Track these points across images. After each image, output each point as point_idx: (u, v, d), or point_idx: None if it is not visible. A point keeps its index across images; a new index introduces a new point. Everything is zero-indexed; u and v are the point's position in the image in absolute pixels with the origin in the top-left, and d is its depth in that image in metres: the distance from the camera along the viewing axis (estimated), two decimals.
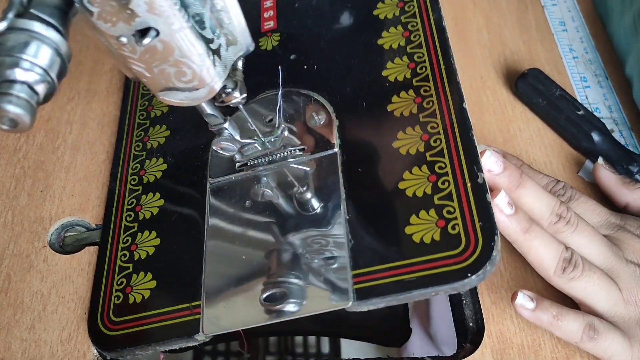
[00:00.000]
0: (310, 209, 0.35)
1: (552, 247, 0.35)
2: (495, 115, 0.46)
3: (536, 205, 0.36)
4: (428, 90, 0.37)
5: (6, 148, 0.43)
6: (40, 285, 0.38)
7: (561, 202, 0.36)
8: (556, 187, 0.39)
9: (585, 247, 0.36)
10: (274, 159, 0.38)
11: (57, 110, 0.45)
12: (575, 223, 0.36)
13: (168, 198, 0.39)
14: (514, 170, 0.37)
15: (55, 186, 0.42)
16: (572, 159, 0.44)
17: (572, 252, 0.35)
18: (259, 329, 0.44)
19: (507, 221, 0.35)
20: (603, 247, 0.36)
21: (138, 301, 0.36)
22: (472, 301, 0.40)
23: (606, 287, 0.35)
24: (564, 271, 0.35)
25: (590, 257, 0.36)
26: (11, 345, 0.36)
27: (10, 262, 0.39)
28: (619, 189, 0.40)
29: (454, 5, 0.53)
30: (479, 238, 0.31)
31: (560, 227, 0.36)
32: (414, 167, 0.35)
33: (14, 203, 0.41)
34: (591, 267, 0.35)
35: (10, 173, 0.42)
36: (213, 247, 0.36)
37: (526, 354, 0.37)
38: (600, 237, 0.36)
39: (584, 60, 0.50)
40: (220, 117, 0.34)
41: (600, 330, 0.34)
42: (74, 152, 0.43)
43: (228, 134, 0.35)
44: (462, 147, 0.35)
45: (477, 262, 0.30)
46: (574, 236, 0.36)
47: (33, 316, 0.37)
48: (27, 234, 0.40)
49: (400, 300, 0.31)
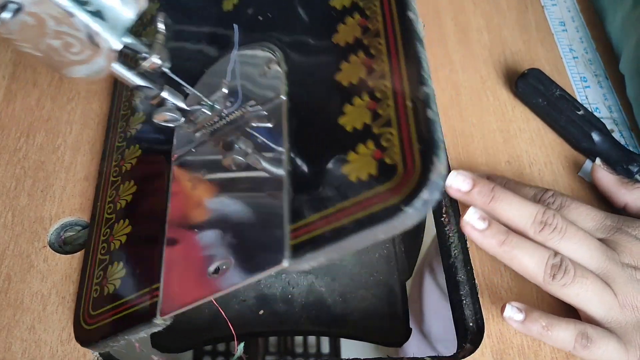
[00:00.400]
0: (257, 167, 0.32)
1: (535, 255, 0.34)
2: (495, 115, 0.46)
3: (515, 216, 0.35)
4: (373, 8, 0.32)
5: (6, 148, 0.43)
6: (41, 285, 0.38)
7: (546, 209, 0.35)
8: (545, 196, 0.38)
9: (577, 252, 0.35)
10: (228, 121, 0.34)
11: (57, 110, 0.45)
12: (564, 229, 0.35)
13: (140, 183, 0.39)
14: (484, 185, 0.36)
15: (55, 186, 0.42)
16: (572, 159, 0.44)
17: (561, 258, 0.34)
18: (258, 329, 0.44)
19: (481, 236, 0.35)
20: (596, 251, 0.35)
21: (111, 292, 0.35)
22: (472, 301, 0.40)
23: (600, 292, 0.34)
24: (553, 278, 0.34)
25: (583, 262, 0.35)
26: (11, 346, 0.36)
27: (10, 262, 0.39)
28: (617, 189, 0.40)
29: (454, 6, 0.53)
30: (416, 165, 0.26)
31: (547, 234, 0.35)
32: (355, 97, 0.30)
33: (14, 203, 0.41)
34: (583, 273, 0.34)
35: (11, 173, 0.42)
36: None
37: (526, 354, 0.37)
38: (593, 241, 0.36)
39: (584, 60, 0.50)
40: (154, 87, 0.32)
41: (593, 338, 0.34)
42: (75, 152, 0.43)
43: (170, 104, 0.33)
44: (404, 61, 0.29)
45: (414, 192, 0.25)
46: (563, 242, 0.35)
47: (33, 316, 0.37)
48: (27, 234, 0.40)
49: (339, 251, 0.27)
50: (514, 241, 0.35)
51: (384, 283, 0.46)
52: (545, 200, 0.37)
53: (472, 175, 0.36)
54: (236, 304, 0.44)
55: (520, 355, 0.37)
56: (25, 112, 0.45)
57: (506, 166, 0.44)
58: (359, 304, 0.45)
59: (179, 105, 0.33)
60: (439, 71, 0.49)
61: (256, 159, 0.32)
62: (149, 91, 0.32)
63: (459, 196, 0.37)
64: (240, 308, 0.44)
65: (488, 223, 0.35)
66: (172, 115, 0.33)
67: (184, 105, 0.33)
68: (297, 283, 0.46)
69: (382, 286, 0.46)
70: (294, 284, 0.46)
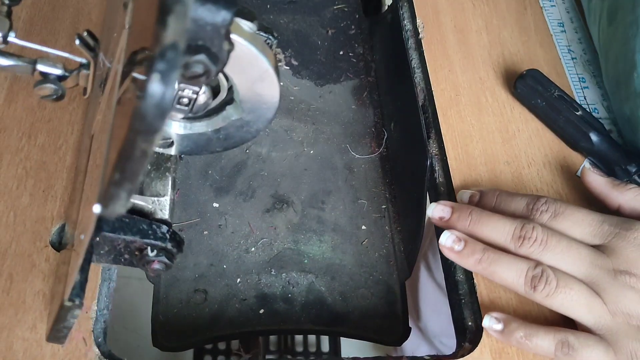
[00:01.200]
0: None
1: (513, 268, 0.35)
2: (494, 116, 0.47)
3: (495, 235, 0.37)
4: None
5: (8, 148, 0.43)
6: (42, 285, 0.38)
7: (524, 224, 0.36)
8: (537, 205, 0.38)
9: (561, 261, 0.35)
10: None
11: (59, 110, 0.45)
12: (544, 240, 0.35)
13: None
14: (462, 210, 0.38)
15: (57, 186, 0.42)
16: (570, 159, 0.45)
17: (542, 269, 0.35)
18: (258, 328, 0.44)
19: (458, 257, 0.37)
20: (582, 259, 0.35)
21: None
22: (471, 300, 0.40)
23: (587, 300, 0.34)
24: (534, 289, 0.35)
25: (569, 271, 0.35)
26: (13, 345, 0.36)
27: (12, 262, 0.39)
28: (609, 191, 0.40)
29: (453, 7, 0.53)
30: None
31: (527, 247, 0.36)
32: None
33: (16, 203, 0.41)
34: (567, 282, 0.34)
35: (12, 173, 0.42)
36: None
37: (525, 353, 0.37)
38: (580, 249, 0.36)
39: (582, 60, 0.51)
40: (25, 62, 0.31)
41: (575, 346, 0.34)
42: (76, 152, 0.44)
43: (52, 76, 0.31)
44: None
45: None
46: (545, 253, 0.35)
47: (35, 316, 0.37)
48: (29, 233, 0.40)
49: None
50: (490, 257, 0.36)
51: (384, 282, 0.47)
52: (538, 208, 0.37)
53: (450, 204, 0.39)
54: (237, 303, 0.45)
55: (519, 354, 0.37)
56: (27, 112, 0.45)
57: (505, 166, 0.44)
58: (358, 303, 0.46)
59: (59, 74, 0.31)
60: (438, 72, 0.49)
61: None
62: (20, 68, 0.31)
63: (442, 224, 0.39)
64: (240, 307, 0.45)
65: (464, 243, 0.37)
66: (53, 87, 0.32)
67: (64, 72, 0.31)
68: (297, 282, 0.46)
69: (382, 285, 0.46)
70: (294, 283, 0.46)
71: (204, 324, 0.44)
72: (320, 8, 0.61)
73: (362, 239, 0.48)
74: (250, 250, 0.47)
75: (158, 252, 0.33)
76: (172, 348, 0.43)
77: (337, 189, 0.50)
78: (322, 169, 0.51)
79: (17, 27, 0.48)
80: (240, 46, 0.28)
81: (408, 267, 0.46)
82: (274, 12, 0.60)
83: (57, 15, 0.49)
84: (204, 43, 0.23)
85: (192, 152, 0.36)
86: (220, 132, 0.34)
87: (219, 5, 0.22)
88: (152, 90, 0.17)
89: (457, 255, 0.37)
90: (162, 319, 0.44)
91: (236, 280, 0.46)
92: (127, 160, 0.19)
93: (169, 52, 0.17)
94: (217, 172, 0.50)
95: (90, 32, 0.31)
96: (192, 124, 0.34)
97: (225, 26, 0.23)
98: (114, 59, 0.28)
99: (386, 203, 0.50)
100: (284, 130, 0.53)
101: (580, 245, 0.36)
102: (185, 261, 0.46)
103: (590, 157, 0.44)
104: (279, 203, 0.49)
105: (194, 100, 0.30)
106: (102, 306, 0.39)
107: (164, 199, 0.35)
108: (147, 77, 0.17)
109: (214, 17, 0.22)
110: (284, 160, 0.51)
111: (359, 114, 0.55)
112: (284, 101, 0.54)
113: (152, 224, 0.33)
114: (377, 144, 0.53)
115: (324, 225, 0.48)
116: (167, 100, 0.17)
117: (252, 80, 0.30)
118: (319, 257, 0.47)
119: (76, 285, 0.29)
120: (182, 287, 0.45)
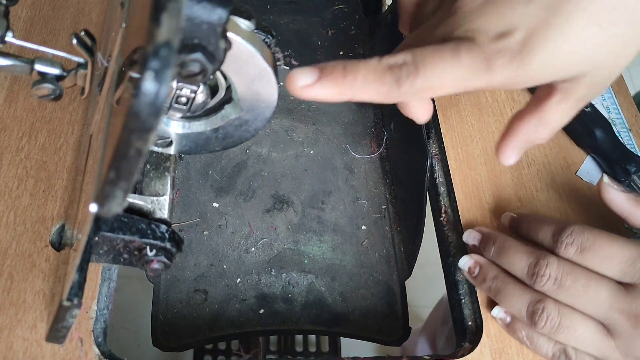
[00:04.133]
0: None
1: (517, 300, 0.36)
2: (494, 116, 0.47)
3: (511, 268, 0.37)
4: None
5: (8, 148, 0.43)
6: (43, 284, 0.38)
7: (539, 260, 0.35)
8: (562, 237, 0.35)
9: (577, 303, 0.34)
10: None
11: (59, 111, 0.45)
12: (558, 279, 0.34)
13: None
14: (487, 241, 0.39)
15: (57, 186, 0.42)
16: (570, 159, 0.45)
17: (544, 306, 0.34)
18: (258, 328, 0.44)
19: (474, 281, 0.39)
20: (600, 303, 0.33)
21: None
22: (471, 300, 0.40)
23: (595, 341, 0.34)
24: (535, 324, 0.35)
25: (585, 310, 0.34)
26: (13, 345, 0.36)
27: (12, 262, 0.39)
28: (634, 209, 0.37)
29: None
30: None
31: (541, 285, 0.35)
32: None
33: (17, 203, 0.41)
34: (572, 323, 0.34)
35: (13, 173, 0.42)
36: None
37: (525, 353, 0.37)
38: (599, 290, 0.33)
39: None
40: (23, 62, 0.31)
41: (574, 357, 0.34)
42: (76, 152, 0.44)
43: (50, 75, 0.31)
44: None
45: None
46: (560, 293, 0.34)
47: (35, 315, 0.37)
48: (29, 233, 0.40)
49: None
50: (498, 286, 0.37)
51: (384, 283, 0.46)
52: (563, 241, 0.35)
53: (478, 232, 0.40)
54: (237, 304, 0.45)
55: (518, 354, 0.37)
56: (27, 112, 0.45)
57: (505, 166, 0.44)
58: (358, 303, 0.46)
59: (57, 74, 0.31)
60: None
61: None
62: (18, 68, 0.31)
63: (474, 250, 0.40)
64: (241, 307, 0.45)
65: (479, 269, 0.38)
66: (50, 87, 0.32)
67: (62, 72, 0.32)
68: (297, 282, 0.46)
69: (382, 286, 0.46)
70: (294, 283, 0.46)
71: (204, 324, 0.44)
72: (321, 8, 0.61)
73: (362, 239, 0.48)
74: (250, 250, 0.47)
75: (157, 251, 0.33)
76: (172, 348, 0.43)
77: (337, 189, 0.50)
78: (322, 169, 0.51)
79: (17, 27, 0.48)
80: (238, 45, 0.28)
81: (408, 268, 0.46)
82: (274, 13, 0.60)
83: (57, 15, 0.49)
84: (200, 41, 0.23)
85: (191, 151, 0.36)
86: (219, 131, 0.34)
87: (215, 3, 0.22)
88: (145, 89, 0.17)
89: (472, 279, 0.39)
90: (162, 319, 0.44)
91: (236, 280, 0.46)
92: (122, 159, 0.19)
93: (162, 50, 0.17)
94: (217, 173, 0.50)
95: (88, 31, 0.31)
96: (191, 123, 0.34)
97: (221, 24, 0.23)
98: (112, 59, 0.29)
99: (386, 203, 0.50)
100: (284, 131, 0.53)
101: (601, 285, 0.33)
102: (186, 261, 0.46)
103: (592, 154, 0.44)
104: (279, 203, 0.49)
105: (192, 99, 0.30)
106: (102, 306, 0.39)
107: (163, 198, 0.35)
108: (141, 75, 0.17)
109: (209, 15, 0.22)
110: (284, 160, 0.51)
111: (359, 114, 0.55)
112: (284, 101, 0.54)
113: (151, 223, 0.33)
114: (377, 144, 0.53)
115: (324, 225, 0.48)
116: (161, 99, 0.17)
117: (250, 79, 0.30)
118: (319, 258, 0.47)
119: (74, 284, 0.29)
120: (182, 287, 0.45)
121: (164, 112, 0.25)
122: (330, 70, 0.27)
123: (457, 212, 0.43)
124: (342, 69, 0.27)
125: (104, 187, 0.20)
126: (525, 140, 0.32)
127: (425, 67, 0.26)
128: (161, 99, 0.17)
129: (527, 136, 0.31)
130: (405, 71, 0.27)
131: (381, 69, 0.27)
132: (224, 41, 0.24)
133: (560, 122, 0.31)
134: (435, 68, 0.26)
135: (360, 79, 0.27)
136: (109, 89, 0.27)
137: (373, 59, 0.27)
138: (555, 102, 0.30)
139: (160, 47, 0.17)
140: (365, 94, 0.27)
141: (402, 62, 0.27)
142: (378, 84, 0.27)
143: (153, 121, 0.17)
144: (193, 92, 0.29)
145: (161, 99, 0.17)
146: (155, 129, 0.18)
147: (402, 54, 0.27)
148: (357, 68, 0.27)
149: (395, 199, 0.50)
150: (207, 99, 0.32)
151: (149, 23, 0.17)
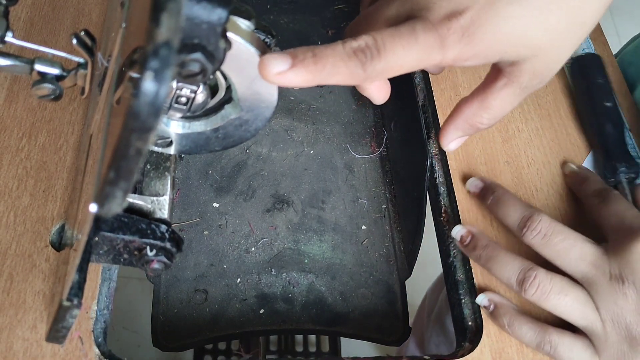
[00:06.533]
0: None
1: (508, 267, 0.37)
2: None
3: (505, 219, 0.39)
4: None
5: (8, 149, 0.43)
6: (43, 285, 0.38)
7: (531, 215, 0.37)
8: (529, 222, 0.38)
9: (561, 257, 0.36)
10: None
11: (59, 111, 0.45)
12: (548, 234, 0.36)
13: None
14: (487, 190, 0.41)
15: (57, 186, 0.42)
16: (570, 159, 0.45)
17: (536, 274, 0.36)
18: (258, 328, 0.44)
19: (465, 250, 0.40)
20: (581, 258, 0.36)
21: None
22: (471, 300, 0.40)
23: (580, 307, 0.35)
24: (525, 291, 0.36)
25: (569, 269, 0.36)
26: (13, 345, 0.36)
27: (12, 262, 0.39)
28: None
29: None
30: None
31: (529, 238, 0.37)
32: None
33: (17, 203, 0.41)
34: (563, 288, 0.35)
35: (13, 173, 0.42)
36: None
37: (524, 353, 0.37)
38: (583, 247, 0.36)
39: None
40: (23, 62, 0.31)
41: (557, 347, 0.35)
42: (77, 152, 0.44)
43: (50, 75, 0.31)
44: None
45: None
46: (546, 247, 0.37)
47: (35, 316, 0.37)
48: (29, 234, 0.40)
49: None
50: (489, 254, 0.38)
51: (384, 282, 0.46)
52: (531, 226, 0.37)
53: (481, 182, 0.42)
54: (237, 303, 0.45)
55: (518, 354, 0.37)
56: (27, 112, 0.45)
57: (505, 166, 0.44)
58: (358, 303, 0.46)
59: (57, 74, 0.32)
60: None
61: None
62: (18, 68, 0.31)
63: (462, 247, 0.41)
64: (241, 307, 0.45)
65: (470, 237, 0.39)
66: (50, 87, 0.32)
67: (62, 72, 0.32)
68: (298, 282, 0.46)
69: (382, 285, 0.46)
70: (294, 283, 0.46)
71: (204, 324, 0.44)
72: (321, 8, 0.61)
73: (362, 238, 0.48)
74: (250, 250, 0.47)
75: (157, 251, 0.33)
76: (172, 348, 0.43)
77: (337, 188, 0.50)
78: (322, 168, 0.51)
79: (17, 27, 0.48)
80: (238, 45, 0.28)
81: (408, 267, 0.46)
82: (275, 12, 0.60)
83: (57, 15, 0.49)
84: (200, 41, 0.23)
85: (191, 151, 0.36)
86: (219, 131, 0.34)
87: (215, 3, 0.22)
88: (145, 88, 0.17)
89: (464, 248, 0.40)
90: (162, 319, 0.44)
91: (236, 280, 0.46)
92: (121, 159, 0.19)
93: (162, 49, 0.17)
94: (217, 172, 0.50)
95: (88, 31, 0.31)
96: (191, 123, 0.34)
97: (221, 24, 0.23)
98: (112, 59, 0.29)
99: (386, 203, 0.50)
100: (284, 130, 0.53)
101: (586, 246, 0.36)
102: (186, 261, 0.46)
103: (594, 150, 0.44)
104: (279, 203, 0.49)
105: (192, 99, 0.30)
106: (102, 306, 0.39)
107: (163, 198, 0.35)
108: (141, 75, 0.17)
109: (209, 15, 0.22)
110: (284, 160, 0.51)
111: (359, 114, 0.55)
112: (284, 101, 0.54)
113: (151, 223, 0.33)
114: (377, 144, 0.53)
115: (324, 225, 0.48)
116: (161, 98, 0.17)
117: (250, 79, 0.30)
118: (319, 257, 0.47)
119: (74, 285, 0.29)
120: (183, 287, 0.45)
121: (164, 112, 0.25)
122: (302, 58, 0.28)
123: (457, 212, 0.43)
124: (312, 55, 0.28)
125: (104, 187, 0.20)
126: (467, 123, 0.33)
127: (386, 50, 0.28)
128: (161, 99, 0.17)
129: (468, 119, 0.33)
130: (368, 55, 0.28)
131: (346, 54, 0.28)
132: (223, 41, 0.24)
133: (501, 109, 0.32)
134: (395, 50, 0.28)
135: (329, 65, 0.28)
136: (109, 89, 0.27)
137: (337, 44, 0.28)
138: (499, 87, 0.31)
139: (160, 47, 0.17)
140: (334, 78, 0.28)
141: (364, 45, 0.28)
142: (345, 68, 0.28)
143: (153, 121, 0.17)
144: (193, 92, 0.29)
145: (161, 98, 0.17)
146: (155, 129, 0.18)
147: (364, 37, 0.28)
148: (325, 54, 0.28)
149: (395, 199, 0.50)
150: (207, 99, 0.32)
151: (148, 23, 0.17)
